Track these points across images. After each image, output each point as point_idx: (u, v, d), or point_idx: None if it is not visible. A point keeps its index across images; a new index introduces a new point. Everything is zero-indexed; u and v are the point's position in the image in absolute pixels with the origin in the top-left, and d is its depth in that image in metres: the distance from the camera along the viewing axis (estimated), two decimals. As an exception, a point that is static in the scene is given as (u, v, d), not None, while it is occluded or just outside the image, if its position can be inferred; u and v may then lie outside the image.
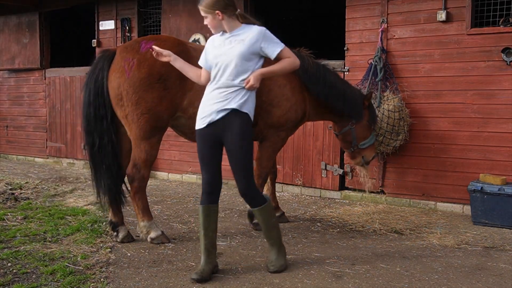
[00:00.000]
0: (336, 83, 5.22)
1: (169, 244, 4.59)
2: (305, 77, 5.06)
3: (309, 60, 5.14)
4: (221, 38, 3.84)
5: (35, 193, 6.87)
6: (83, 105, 4.54)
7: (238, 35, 3.78)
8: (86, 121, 4.51)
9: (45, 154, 10.12)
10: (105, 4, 9.01)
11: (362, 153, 5.55)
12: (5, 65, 10.44)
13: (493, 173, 5.71)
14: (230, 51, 3.73)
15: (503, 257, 4.39)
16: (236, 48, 3.73)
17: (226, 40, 3.80)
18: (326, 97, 5.15)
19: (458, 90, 5.99)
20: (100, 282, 3.64)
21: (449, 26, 6.02)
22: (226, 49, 3.75)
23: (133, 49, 4.42)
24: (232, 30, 3.80)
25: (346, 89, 5.28)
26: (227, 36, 3.81)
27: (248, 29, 3.80)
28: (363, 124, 5.44)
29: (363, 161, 5.60)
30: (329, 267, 4.06)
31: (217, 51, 3.79)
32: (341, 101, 5.22)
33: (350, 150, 5.57)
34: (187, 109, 4.55)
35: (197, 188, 7.49)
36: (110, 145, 4.48)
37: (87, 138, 4.53)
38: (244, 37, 3.75)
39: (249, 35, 3.75)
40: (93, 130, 4.47)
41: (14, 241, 4.56)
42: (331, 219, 5.69)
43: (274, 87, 4.91)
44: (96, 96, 4.44)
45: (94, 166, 4.54)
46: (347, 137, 5.49)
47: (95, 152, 4.48)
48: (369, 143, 5.53)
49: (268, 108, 4.89)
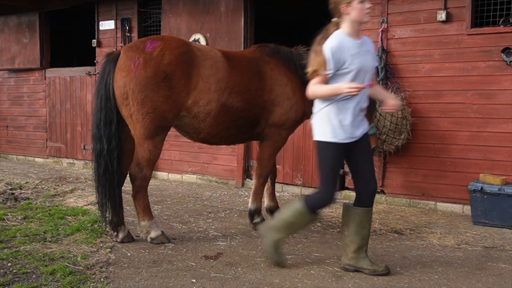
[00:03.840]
0: None
1: (169, 244, 4.59)
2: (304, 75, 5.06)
3: (306, 56, 5.15)
4: (352, 42, 3.60)
5: (35, 193, 6.87)
6: (95, 111, 4.50)
7: (364, 44, 3.66)
8: (96, 127, 4.47)
9: (45, 154, 10.13)
10: (105, 4, 9.01)
11: None
12: (5, 65, 10.44)
13: (493, 173, 5.71)
14: (367, 61, 3.61)
15: (503, 257, 4.39)
16: (369, 59, 3.64)
17: (358, 46, 3.60)
18: None
19: (458, 90, 6.00)
20: (100, 282, 3.64)
21: (449, 26, 6.02)
22: (364, 58, 3.60)
23: (138, 49, 4.42)
24: (357, 34, 3.64)
25: None
26: (357, 42, 3.62)
27: (366, 40, 3.72)
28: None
29: None
30: (329, 267, 4.06)
31: (358, 57, 3.57)
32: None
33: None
34: (191, 109, 4.55)
35: (197, 188, 7.49)
36: (117, 150, 4.47)
37: (96, 145, 4.48)
38: (369, 48, 3.67)
39: (371, 47, 3.69)
40: (102, 135, 4.44)
41: (14, 241, 4.55)
42: (331, 219, 5.69)
43: (276, 86, 4.93)
44: (107, 101, 4.43)
45: (99, 171, 4.50)
46: None
47: (103, 157, 4.44)
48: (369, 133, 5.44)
49: (270, 107, 4.91)
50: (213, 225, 5.37)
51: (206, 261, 4.17)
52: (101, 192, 4.51)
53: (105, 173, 4.46)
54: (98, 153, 4.47)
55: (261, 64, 4.96)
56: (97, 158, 4.48)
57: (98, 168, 4.49)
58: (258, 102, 4.85)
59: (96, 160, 4.50)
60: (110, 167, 4.44)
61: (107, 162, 4.43)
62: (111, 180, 4.48)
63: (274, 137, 5.03)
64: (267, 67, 4.96)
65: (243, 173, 7.49)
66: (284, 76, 4.99)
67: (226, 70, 4.68)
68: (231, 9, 7.53)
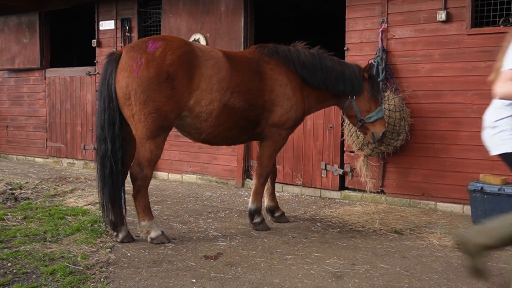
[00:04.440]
0: (334, 66, 5.19)
1: (169, 244, 4.59)
2: (303, 72, 5.07)
3: (305, 52, 5.16)
4: None
5: (35, 193, 6.87)
6: (99, 112, 4.50)
7: None
8: (101, 129, 4.46)
9: (45, 154, 10.12)
10: (105, 4, 9.01)
11: (371, 128, 5.36)
12: (5, 65, 10.44)
13: (493, 173, 5.71)
14: None
15: (503, 257, 4.39)
16: None
17: None
18: (325, 84, 5.15)
19: (458, 90, 6.00)
20: (100, 282, 3.64)
21: (449, 26, 6.02)
22: None
23: (140, 49, 4.42)
24: None
25: (344, 69, 5.23)
26: None
27: None
28: (364, 96, 5.32)
29: (374, 138, 5.41)
30: (329, 267, 4.06)
31: None
32: (342, 83, 5.19)
33: (358, 125, 5.42)
34: (194, 109, 4.56)
35: (197, 188, 7.49)
36: (121, 151, 4.46)
37: (101, 146, 4.46)
38: None
39: None
40: (106, 136, 4.44)
41: (14, 241, 4.55)
42: (331, 219, 5.69)
43: (276, 86, 4.93)
44: (110, 102, 4.43)
45: (104, 172, 4.48)
46: (351, 112, 5.38)
47: (107, 158, 4.43)
48: (376, 117, 5.34)
49: (270, 108, 4.92)
50: (213, 225, 5.37)
51: (206, 261, 4.17)
52: (106, 194, 4.49)
53: (111, 174, 4.45)
54: (103, 154, 4.46)
55: (261, 64, 4.97)
56: (102, 159, 4.47)
57: (104, 170, 4.47)
58: (258, 102, 4.86)
59: (101, 161, 4.48)
60: (115, 168, 4.44)
61: (112, 163, 4.43)
62: (116, 181, 4.48)
63: (275, 137, 5.04)
64: (267, 67, 4.97)
65: (243, 173, 7.48)
66: (284, 76, 5.00)
67: (228, 70, 4.68)
68: (231, 9, 7.53)
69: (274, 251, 4.45)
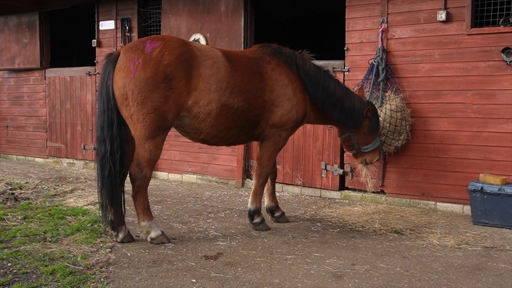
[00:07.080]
0: (336, 91, 5.19)
1: (169, 244, 4.59)
2: (306, 80, 5.08)
3: (310, 63, 5.15)
4: None
5: (35, 193, 6.87)
6: (99, 113, 4.51)
7: None
8: (101, 130, 4.47)
9: (45, 154, 10.12)
10: (105, 4, 9.01)
11: (365, 156, 5.61)
12: (5, 65, 10.44)
13: (493, 173, 5.71)
14: None
15: (503, 257, 4.39)
16: None
17: None
18: (323, 104, 5.16)
19: (458, 90, 5.99)
20: (100, 282, 3.64)
21: (449, 26, 6.02)
22: None
23: (137, 49, 4.42)
24: None
25: (345, 99, 5.23)
26: None
27: None
28: (363, 132, 5.44)
29: (366, 162, 5.66)
30: (329, 267, 4.06)
31: None
32: (338, 111, 5.21)
33: (353, 152, 5.63)
34: (192, 109, 4.55)
35: (197, 188, 7.49)
36: (120, 151, 4.46)
37: (100, 147, 4.47)
38: None
39: None
40: (105, 137, 4.44)
41: (14, 241, 4.55)
42: (331, 219, 5.69)
43: (277, 87, 4.92)
44: (108, 103, 4.44)
45: (103, 174, 4.49)
46: (348, 142, 5.55)
47: (106, 159, 4.44)
48: (372, 148, 5.55)
49: (270, 108, 4.91)
50: (213, 225, 5.37)
51: (206, 261, 4.17)
52: (105, 194, 4.50)
53: (110, 176, 4.45)
54: (102, 155, 4.46)
55: (262, 64, 4.95)
56: (101, 160, 4.47)
57: (103, 171, 4.48)
58: (258, 102, 4.85)
59: (101, 162, 4.48)
60: (113, 168, 4.44)
61: (111, 164, 4.43)
62: (115, 182, 4.48)
63: (275, 137, 5.03)
64: (267, 67, 4.95)
65: (243, 173, 7.48)
66: (285, 77, 4.99)
67: (227, 70, 4.68)
68: (231, 9, 7.53)
69: (274, 251, 4.45)
